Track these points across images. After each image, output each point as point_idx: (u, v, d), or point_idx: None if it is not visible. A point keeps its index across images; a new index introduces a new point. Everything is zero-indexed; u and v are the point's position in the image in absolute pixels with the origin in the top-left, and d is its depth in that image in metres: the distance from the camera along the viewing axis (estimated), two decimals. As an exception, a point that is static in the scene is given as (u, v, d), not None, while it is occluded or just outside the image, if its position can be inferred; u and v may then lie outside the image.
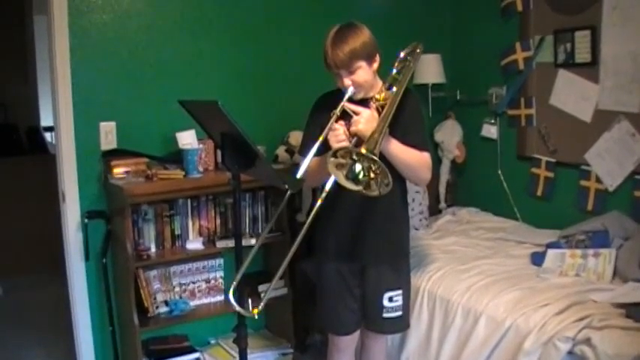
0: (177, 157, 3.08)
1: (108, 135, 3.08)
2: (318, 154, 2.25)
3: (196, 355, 3.13)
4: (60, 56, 2.94)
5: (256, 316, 2.08)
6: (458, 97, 4.04)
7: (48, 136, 6.27)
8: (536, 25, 3.54)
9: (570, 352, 2.29)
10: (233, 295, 2.08)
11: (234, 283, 2.11)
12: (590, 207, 3.33)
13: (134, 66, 3.13)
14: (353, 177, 2.06)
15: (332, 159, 2.04)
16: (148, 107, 3.17)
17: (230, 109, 2.06)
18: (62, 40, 2.94)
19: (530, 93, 3.62)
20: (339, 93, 2.33)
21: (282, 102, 3.51)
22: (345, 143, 2.17)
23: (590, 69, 3.26)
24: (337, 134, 2.21)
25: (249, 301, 2.27)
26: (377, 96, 2.34)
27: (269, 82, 3.50)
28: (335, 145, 2.17)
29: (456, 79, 4.07)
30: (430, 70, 3.90)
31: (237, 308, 2.11)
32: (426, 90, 3.96)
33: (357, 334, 2.64)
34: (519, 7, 3.61)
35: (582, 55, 3.28)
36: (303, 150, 2.41)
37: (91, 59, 3.02)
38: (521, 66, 3.63)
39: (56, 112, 3.01)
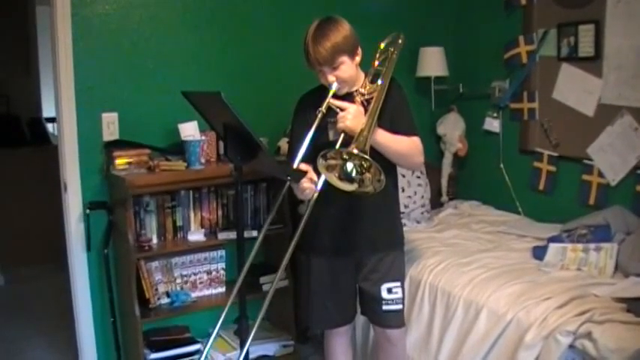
0: (180, 149, 3.08)
1: (110, 126, 3.08)
2: (308, 155, 2.21)
3: (197, 346, 3.14)
4: (62, 47, 2.94)
5: None
6: (461, 91, 4.03)
7: (50, 127, 6.27)
8: (539, 19, 3.53)
9: (571, 346, 2.29)
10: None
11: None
12: (592, 201, 3.33)
13: (137, 57, 3.13)
14: (346, 176, 2.03)
15: (322, 161, 2.01)
16: (151, 98, 3.17)
17: (233, 100, 2.05)
18: (65, 30, 2.93)
19: (533, 87, 3.61)
20: (322, 90, 2.31)
21: (285, 94, 3.45)
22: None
23: (593, 63, 3.24)
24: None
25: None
26: (361, 89, 2.32)
27: (272, 73, 3.49)
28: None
29: (458, 73, 4.06)
30: (433, 63, 3.89)
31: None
32: (429, 83, 3.95)
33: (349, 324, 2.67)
34: (523, 1, 3.59)
35: (586, 49, 3.27)
36: (292, 155, 2.35)
37: (93, 50, 3.02)
38: (525, 59, 3.62)
39: (58, 103, 3.01)
